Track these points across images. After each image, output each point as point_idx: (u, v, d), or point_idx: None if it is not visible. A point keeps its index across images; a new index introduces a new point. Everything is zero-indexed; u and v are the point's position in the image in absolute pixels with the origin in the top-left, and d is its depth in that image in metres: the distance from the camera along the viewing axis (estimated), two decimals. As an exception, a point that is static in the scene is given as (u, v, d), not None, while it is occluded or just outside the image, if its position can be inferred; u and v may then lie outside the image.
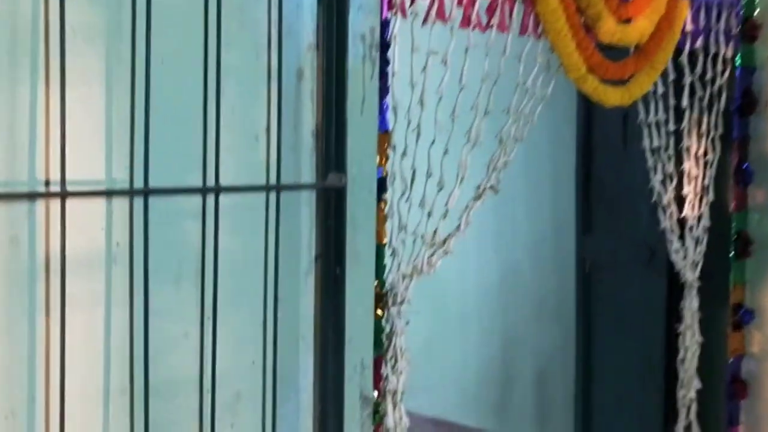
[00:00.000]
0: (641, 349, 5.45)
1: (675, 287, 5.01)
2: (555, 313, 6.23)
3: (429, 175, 3.54)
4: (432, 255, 3.59)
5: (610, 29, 4.06)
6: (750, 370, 5.01)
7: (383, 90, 3.22)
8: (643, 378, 5.46)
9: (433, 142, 3.52)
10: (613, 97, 4.16)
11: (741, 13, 4.84)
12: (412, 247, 3.52)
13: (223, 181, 2.49)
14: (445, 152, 3.55)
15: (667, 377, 5.16)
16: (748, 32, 4.86)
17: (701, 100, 4.72)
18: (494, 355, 6.64)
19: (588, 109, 5.55)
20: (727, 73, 4.79)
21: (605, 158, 5.56)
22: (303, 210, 2.81)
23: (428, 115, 3.47)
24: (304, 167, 2.81)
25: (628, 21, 4.16)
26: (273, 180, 2.65)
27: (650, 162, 4.61)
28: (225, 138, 2.50)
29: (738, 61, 4.88)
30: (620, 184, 5.45)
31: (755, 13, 4.87)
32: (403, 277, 3.46)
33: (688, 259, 4.79)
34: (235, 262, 2.59)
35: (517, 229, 6.51)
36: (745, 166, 4.93)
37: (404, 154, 3.45)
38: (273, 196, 2.65)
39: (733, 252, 4.97)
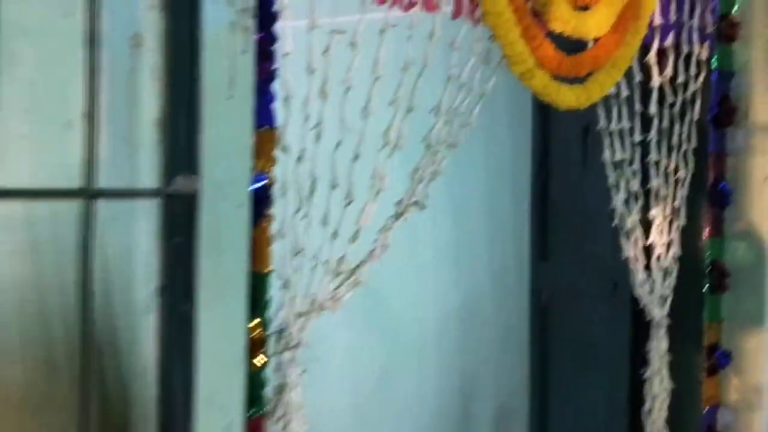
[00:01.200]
0: (603, 395, 4.76)
1: (641, 325, 4.31)
2: (517, 347, 5.53)
3: (334, 185, 2.84)
4: (338, 287, 2.88)
5: (562, 16, 3.39)
6: (727, 422, 4.32)
7: (267, 73, 2.52)
8: (606, 429, 4.76)
9: (338, 145, 2.83)
10: (567, 97, 3.47)
11: (717, 9, 4.19)
12: (311, 276, 2.81)
13: (16, 183, 1.78)
14: (356, 158, 2.86)
15: (633, 430, 4.47)
16: (724, 31, 4.20)
17: (672, 107, 4.04)
18: (453, 389, 5.94)
19: (544, 117, 4.87)
20: (701, 77, 4.13)
21: (564, 175, 4.87)
22: (140, 224, 2.09)
23: (332, 110, 2.78)
24: (143, 167, 2.09)
25: (585, 8, 3.49)
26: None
27: (612, 178, 3.92)
28: (18, 124, 1.79)
29: (714, 63, 4.21)
30: (581, 204, 4.76)
31: (733, 10, 4.21)
32: (298, 316, 2.75)
33: (655, 294, 4.10)
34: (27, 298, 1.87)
35: (478, 252, 5.79)
36: (721, 185, 4.25)
37: (300, 158, 2.75)
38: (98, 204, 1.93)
39: (707, 285, 4.28)
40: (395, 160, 2.99)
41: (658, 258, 4.10)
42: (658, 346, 4.14)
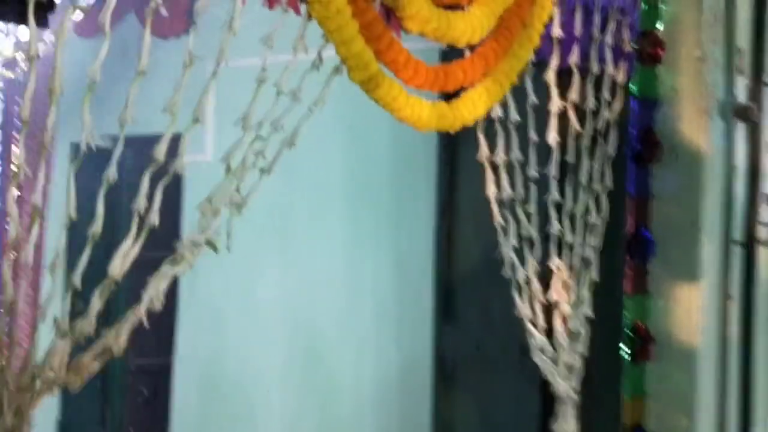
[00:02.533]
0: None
1: (551, 399, 3.61)
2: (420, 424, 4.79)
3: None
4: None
5: (420, 14, 2.73)
6: None
7: None
8: None
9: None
10: (426, 116, 2.80)
11: (636, 24, 3.54)
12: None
13: None
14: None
15: None
16: (646, 51, 3.54)
17: (578, 138, 3.38)
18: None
19: (451, 150, 4.19)
20: (617, 105, 3.47)
21: (472, 220, 4.17)
22: None
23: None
24: None
25: (453, 7, 2.85)
26: None
27: (498, 218, 3.24)
28: None
29: (633, 88, 3.55)
30: (488, 253, 4.07)
31: (657, 26, 3.55)
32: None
33: (559, 362, 3.39)
34: None
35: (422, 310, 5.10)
36: (644, 233, 3.57)
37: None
38: None
39: (627, 353, 3.57)
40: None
41: (564, 319, 3.41)
42: (566, 426, 3.43)
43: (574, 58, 3.31)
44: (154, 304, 2.40)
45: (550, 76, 3.23)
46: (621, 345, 3.52)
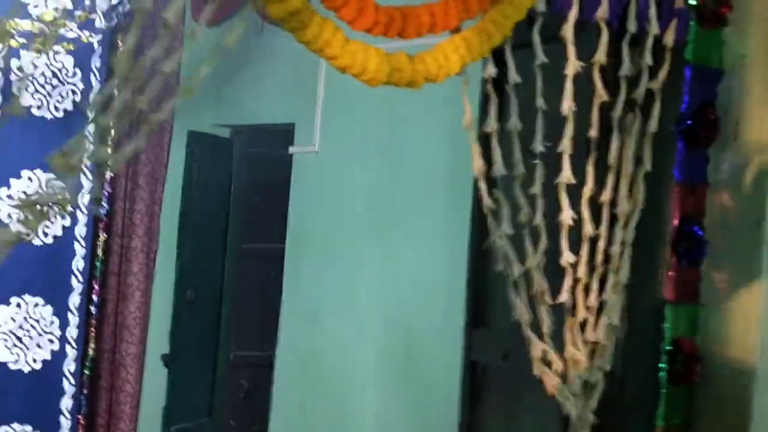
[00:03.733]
0: None
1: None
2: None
3: None
4: None
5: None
6: None
7: None
8: None
9: None
10: (373, 67, 2.31)
11: (694, -26, 2.92)
12: None
13: None
14: None
15: None
16: (708, 9, 2.91)
17: (606, 109, 2.80)
18: None
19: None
20: (662, 72, 2.87)
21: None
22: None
23: None
24: None
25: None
26: None
27: (486, 200, 2.71)
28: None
29: (688, 54, 2.94)
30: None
31: (724, -21, 2.92)
32: None
33: (572, 378, 2.82)
34: None
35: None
36: (693, 229, 2.94)
37: None
38: None
39: (666, 372, 2.95)
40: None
41: (583, 327, 2.84)
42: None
43: (602, 12, 2.74)
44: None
45: (567, 31, 2.67)
46: (659, 363, 2.94)
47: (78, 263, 4.71)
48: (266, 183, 5.68)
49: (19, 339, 4.58)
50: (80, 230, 4.72)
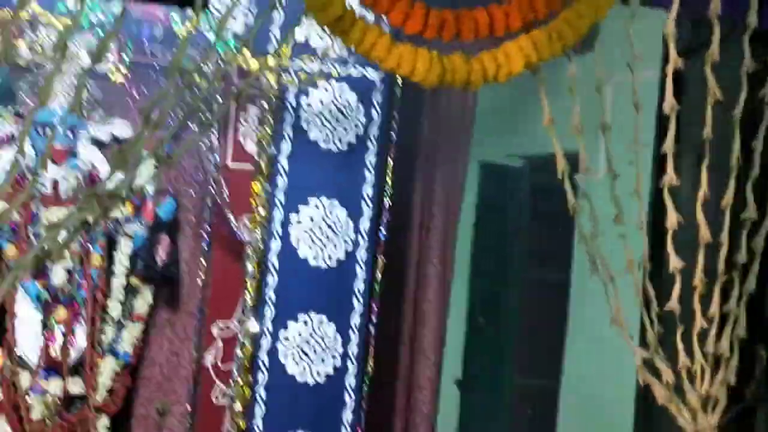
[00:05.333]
0: None
1: None
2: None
3: None
4: None
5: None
6: None
7: None
8: None
9: None
10: (422, 67, 2.41)
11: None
12: None
13: None
14: None
15: None
16: None
17: (720, 109, 2.63)
18: None
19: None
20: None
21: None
22: None
23: None
24: None
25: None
26: None
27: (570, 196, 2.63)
28: None
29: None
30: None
31: None
32: None
33: (688, 391, 2.65)
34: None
35: None
36: None
37: None
38: None
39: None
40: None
41: (703, 340, 2.65)
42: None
43: (715, 6, 2.60)
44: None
45: (670, 26, 2.57)
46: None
47: (358, 285, 5.06)
48: (550, 211, 5.73)
49: (305, 354, 5.00)
50: (361, 255, 5.06)
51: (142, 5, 4.75)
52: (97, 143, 4.97)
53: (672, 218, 2.57)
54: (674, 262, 2.60)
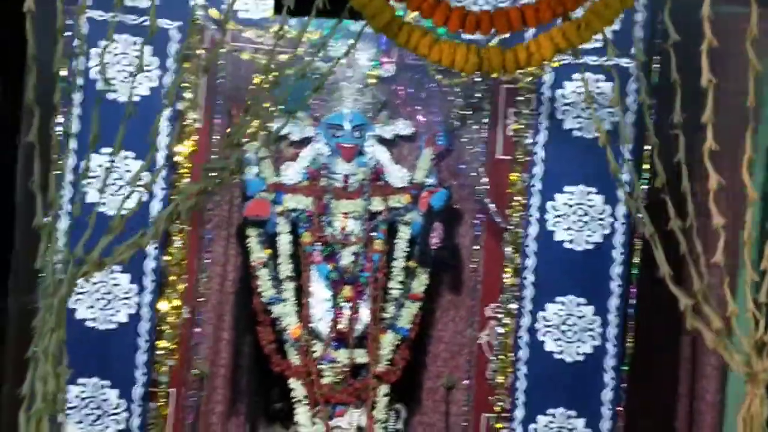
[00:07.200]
0: None
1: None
2: None
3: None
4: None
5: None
6: None
7: None
8: None
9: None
10: (460, 59, 2.71)
11: None
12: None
13: None
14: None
15: None
16: None
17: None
18: None
19: None
20: None
21: None
22: None
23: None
24: None
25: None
26: None
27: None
28: None
29: None
30: None
31: None
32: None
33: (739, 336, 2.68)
34: None
35: None
36: None
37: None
38: None
39: None
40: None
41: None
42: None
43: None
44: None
45: (705, 10, 2.64)
46: None
47: (616, 269, 5.21)
48: None
49: (564, 332, 5.26)
50: (618, 239, 5.21)
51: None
52: (383, 141, 5.54)
53: (713, 180, 2.65)
54: (717, 219, 2.68)
